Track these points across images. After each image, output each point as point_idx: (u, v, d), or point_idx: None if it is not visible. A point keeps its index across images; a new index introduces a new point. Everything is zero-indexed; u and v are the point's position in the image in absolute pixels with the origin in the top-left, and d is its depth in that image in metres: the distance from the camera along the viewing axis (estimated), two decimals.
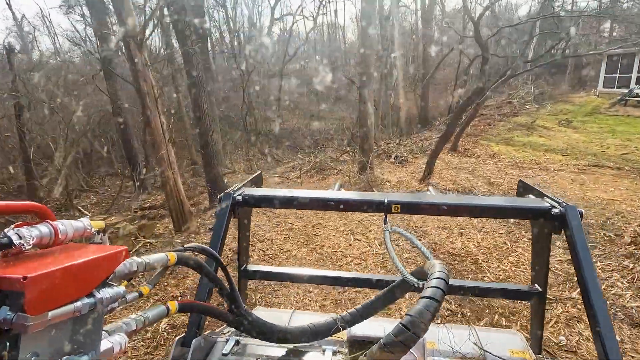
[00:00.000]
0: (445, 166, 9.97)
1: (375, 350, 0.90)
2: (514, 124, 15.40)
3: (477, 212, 2.13)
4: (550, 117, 15.53)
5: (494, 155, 10.78)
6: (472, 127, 16.79)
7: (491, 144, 12.58)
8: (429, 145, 14.40)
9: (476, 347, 1.43)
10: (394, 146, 14.14)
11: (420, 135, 17.82)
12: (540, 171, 8.80)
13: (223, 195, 1.68)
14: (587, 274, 1.29)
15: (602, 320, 1.20)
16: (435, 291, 0.94)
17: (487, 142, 12.82)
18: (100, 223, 0.87)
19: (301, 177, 11.18)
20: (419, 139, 16.89)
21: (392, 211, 1.56)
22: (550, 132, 13.26)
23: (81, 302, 0.66)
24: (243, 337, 1.39)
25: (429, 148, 14.02)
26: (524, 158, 10.04)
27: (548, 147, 11.05)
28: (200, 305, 1.13)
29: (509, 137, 13.16)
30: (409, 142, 15.70)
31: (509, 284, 3.16)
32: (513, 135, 13.38)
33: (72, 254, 0.71)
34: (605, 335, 1.17)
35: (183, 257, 0.94)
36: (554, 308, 3.73)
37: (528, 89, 20.03)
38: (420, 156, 12.96)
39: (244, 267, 2.01)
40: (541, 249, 1.68)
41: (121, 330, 0.81)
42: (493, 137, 13.52)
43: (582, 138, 11.96)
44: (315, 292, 4.18)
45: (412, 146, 14.29)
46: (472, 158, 10.84)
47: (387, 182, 8.71)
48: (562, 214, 1.42)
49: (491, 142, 12.91)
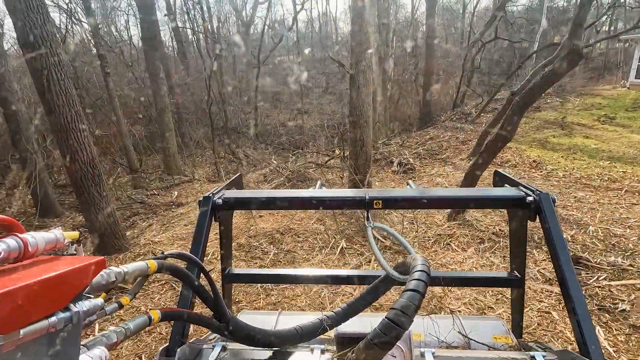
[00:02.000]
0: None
1: (363, 346, 0.91)
2: (541, 121, 12.44)
3: (457, 204, 1.95)
4: (583, 113, 12.61)
5: (536, 165, 7.75)
6: (486, 124, 13.84)
7: (522, 146, 9.58)
8: (438, 148, 11.37)
9: (461, 335, 1.48)
10: (395, 148, 11.06)
11: (423, 133, 14.76)
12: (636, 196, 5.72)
13: (202, 199, 1.57)
14: (562, 259, 1.28)
15: (578, 305, 1.19)
16: (417, 284, 0.94)
17: (516, 145, 9.81)
18: (74, 234, 0.84)
19: None
20: (423, 138, 13.84)
21: (373, 207, 1.53)
22: (594, 132, 10.32)
23: (56, 317, 0.63)
24: (230, 343, 1.30)
25: (440, 152, 10.98)
26: (586, 170, 7.02)
27: (609, 154, 8.07)
28: (183, 312, 1.06)
29: (542, 138, 10.17)
30: (413, 143, 12.66)
31: (489, 272, 3.22)
32: (546, 136, 10.41)
33: (44, 268, 0.66)
34: (581, 318, 1.16)
35: (163, 264, 0.91)
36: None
37: None
38: (430, 162, 9.91)
39: (227, 271, 1.90)
40: (518, 236, 1.69)
41: (101, 344, 0.77)
42: (521, 138, 10.52)
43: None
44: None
45: (418, 148, 11.23)
46: (507, 168, 7.79)
47: (395, 215, 5.59)
48: (536, 201, 1.41)
49: (521, 144, 9.91)
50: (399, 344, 1.08)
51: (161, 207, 8.79)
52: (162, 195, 9.69)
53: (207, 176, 12.41)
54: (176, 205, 8.70)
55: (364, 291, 1.43)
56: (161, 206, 8.83)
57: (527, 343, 1.43)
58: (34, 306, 0.59)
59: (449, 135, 13.39)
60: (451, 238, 4.75)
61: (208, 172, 12.77)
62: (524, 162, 8.09)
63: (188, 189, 10.23)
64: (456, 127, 14.41)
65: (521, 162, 8.12)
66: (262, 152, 15.18)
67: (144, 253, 5.48)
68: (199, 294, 1.05)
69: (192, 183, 10.72)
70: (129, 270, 0.80)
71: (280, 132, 17.55)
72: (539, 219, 1.42)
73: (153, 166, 11.82)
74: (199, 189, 10.19)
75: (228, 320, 1.10)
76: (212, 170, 12.80)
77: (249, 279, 2.09)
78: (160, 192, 9.83)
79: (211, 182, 11.74)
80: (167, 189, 10.19)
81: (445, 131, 14.18)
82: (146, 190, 9.91)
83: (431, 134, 14.23)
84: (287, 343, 1.23)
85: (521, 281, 1.68)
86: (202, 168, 13.22)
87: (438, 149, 11.03)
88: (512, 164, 8.02)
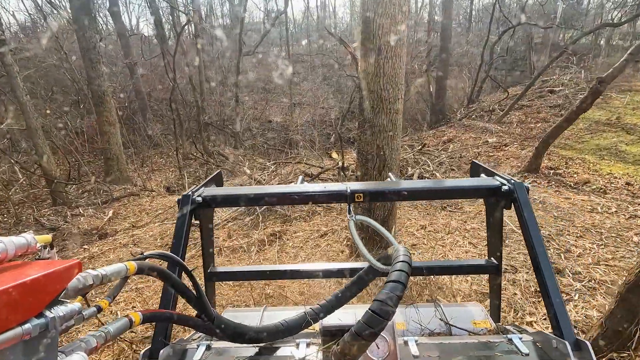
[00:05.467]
0: (558, 220, 4.25)
1: (348, 338, 0.90)
2: (589, 122, 9.69)
3: (436, 194, 1.92)
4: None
5: (632, 189, 5.02)
6: (522, 124, 11.06)
7: (587, 157, 6.86)
8: (464, 153, 8.59)
9: (442, 322, 1.50)
10: (412, 155, 8.23)
11: (438, 134, 11.98)
12: None
13: (182, 197, 1.50)
14: (537, 245, 1.29)
15: (552, 288, 1.20)
16: (400, 274, 0.94)
17: (578, 155, 7.08)
18: (46, 237, 0.81)
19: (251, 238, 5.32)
20: (439, 139, 11.06)
21: (355, 200, 1.51)
22: None
23: (30, 324, 0.60)
24: (214, 341, 1.27)
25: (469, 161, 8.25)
26: None
27: None
28: (165, 313, 1.02)
29: (609, 146, 7.44)
30: (430, 146, 9.86)
31: (467, 260, 3.06)
32: (612, 142, 7.68)
33: (15, 273, 0.64)
34: (554, 301, 1.17)
35: (144, 265, 0.87)
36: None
37: (573, 74, 14.40)
38: (461, 177, 7.16)
39: (210, 269, 1.83)
40: (495, 224, 1.68)
41: (80, 349, 0.73)
42: (578, 145, 7.79)
43: None
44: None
45: (440, 155, 8.42)
46: (592, 196, 5.06)
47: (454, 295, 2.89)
48: (511, 190, 1.42)
49: (583, 153, 7.18)
50: (383, 333, 1.05)
51: (79, 236, 5.97)
52: (91, 216, 6.85)
53: (169, 184, 9.55)
54: (99, 237, 5.86)
55: (349, 283, 1.39)
56: (80, 235, 6.01)
57: (505, 327, 1.45)
58: (6, 313, 0.56)
59: (472, 137, 10.62)
60: None
61: (170, 178, 9.90)
62: (611, 184, 5.35)
63: (132, 206, 7.37)
64: (478, 127, 11.65)
65: (608, 183, 5.37)
66: (243, 152, 12.32)
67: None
68: (182, 294, 1.00)
69: (141, 196, 7.85)
70: (107, 272, 0.76)
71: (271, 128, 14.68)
72: (514, 207, 1.41)
73: (94, 172, 8.89)
74: (147, 205, 7.34)
75: (213, 318, 1.06)
76: (176, 177, 9.94)
77: (232, 276, 2.00)
78: (90, 211, 6.98)
79: (171, 193, 8.89)
80: (103, 205, 7.34)
81: (466, 131, 11.41)
82: (70, 208, 7.04)
83: (448, 135, 11.45)
84: (273, 338, 1.19)
85: (498, 268, 1.68)
86: (164, 173, 10.34)
87: (467, 157, 8.25)
88: (597, 188, 5.27)
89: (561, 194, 5.12)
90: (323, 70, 20.68)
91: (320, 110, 15.20)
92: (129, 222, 6.60)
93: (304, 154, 10.52)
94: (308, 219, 5.47)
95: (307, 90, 17.60)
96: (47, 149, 6.76)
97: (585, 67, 15.42)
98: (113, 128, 8.04)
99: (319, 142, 12.16)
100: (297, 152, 11.40)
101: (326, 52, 19.53)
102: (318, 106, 15.45)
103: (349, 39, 17.21)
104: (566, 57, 14.53)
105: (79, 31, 7.37)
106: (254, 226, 5.25)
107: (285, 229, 5.01)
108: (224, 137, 13.63)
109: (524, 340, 1.18)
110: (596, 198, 4.89)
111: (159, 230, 5.64)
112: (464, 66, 18.05)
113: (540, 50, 19.74)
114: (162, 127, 11.71)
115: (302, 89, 18.01)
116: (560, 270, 3.24)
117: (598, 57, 18.90)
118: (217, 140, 13.32)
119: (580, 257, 3.45)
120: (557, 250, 3.60)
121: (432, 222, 4.62)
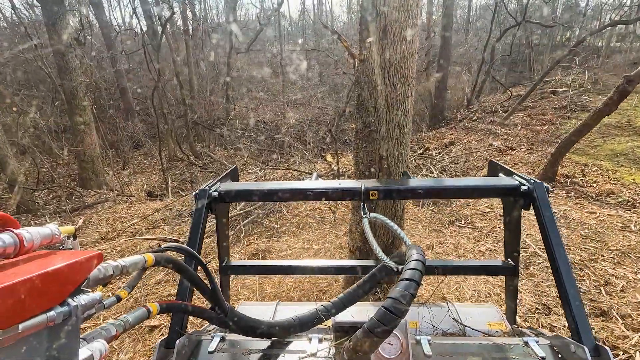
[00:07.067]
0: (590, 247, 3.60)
1: (360, 334, 0.89)
2: (598, 125, 9.04)
3: (453, 193, 1.79)
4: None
5: None
6: (527, 126, 10.44)
7: (604, 163, 6.26)
8: (467, 157, 7.95)
9: (456, 322, 1.45)
10: (412, 158, 7.57)
11: (438, 135, 11.35)
12: None
13: (199, 191, 1.51)
14: (556, 247, 1.23)
15: (571, 291, 1.15)
16: (413, 273, 0.93)
17: (592, 161, 6.48)
18: (69, 228, 0.81)
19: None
20: (440, 142, 10.42)
21: (369, 198, 1.48)
22: None
23: (54, 312, 0.61)
24: (228, 333, 1.27)
25: (474, 166, 7.56)
26: None
27: None
28: (181, 305, 1.02)
29: (625, 151, 6.84)
30: (432, 149, 9.20)
31: (483, 261, 3.01)
32: (628, 146, 7.09)
33: (40, 262, 0.64)
34: (574, 304, 1.12)
35: (161, 257, 0.89)
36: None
37: (576, 74, 13.83)
38: None
39: (225, 263, 1.82)
40: (513, 225, 1.63)
41: (100, 337, 0.75)
42: (591, 150, 7.18)
43: None
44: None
45: (443, 159, 7.77)
46: (619, 210, 4.44)
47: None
48: (530, 190, 1.37)
49: (599, 159, 6.58)
50: (396, 331, 1.04)
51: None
52: (59, 225, 6.11)
53: (151, 188, 8.80)
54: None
55: (361, 281, 1.36)
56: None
57: (521, 329, 1.39)
58: (32, 301, 0.57)
59: (475, 139, 10.01)
60: None
61: (153, 182, 9.15)
62: (639, 195, 4.73)
63: (106, 213, 6.62)
64: (480, 129, 11.04)
65: (635, 195, 4.75)
66: (234, 153, 11.60)
67: None
68: (197, 287, 1.02)
69: (117, 202, 7.10)
70: (126, 263, 0.78)
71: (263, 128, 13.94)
72: (532, 208, 1.36)
73: (66, 176, 8.10)
74: (123, 212, 6.59)
75: (227, 311, 1.08)
76: (160, 180, 9.19)
77: (246, 270, 2.04)
78: (57, 220, 6.23)
79: (152, 198, 8.15)
80: (73, 213, 6.59)
81: (468, 133, 10.79)
82: (35, 217, 6.29)
83: (449, 137, 10.82)
84: (285, 333, 1.20)
85: (515, 269, 1.63)
86: (148, 176, 9.58)
87: (471, 161, 7.61)
88: (623, 200, 4.64)
89: (584, 207, 4.48)
90: (320, 68, 19.97)
91: (315, 110, 14.50)
92: (100, 232, 5.88)
93: (297, 157, 9.82)
94: (298, 233, 4.78)
95: (301, 88, 16.88)
96: (8, 150, 6.00)
97: (589, 67, 14.84)
98: (87, 127, 7.29)
99: (313, 144, 11.48)
100: (289, 154, 10.70)
101: (322, 49, 18.82)
102: (312, 106, 14.74)
103: (346, 36, 16.52)
104: (569, 57, 13.98)
105: (45, 15, 6.62)
106: (235, 242, 4.55)
107: (270, 247, 4.32)
108: (214, 138, 12.89)
109: (540, 343, 1.14)
110: (625, 213, 4.26)
111: (127, 246, 4.92)
112: (464, 66, 17.45)
113: (541, 50, 19.22)
114: (146, 126, 10.94)
115: (296, 88, 17.29)
116: (605, 312, 2.59)
117: (598, 58, 18.38)
118: (206, 141, 12.59)
119: (625, 292, 2.81)
120: (594, 283, 2.95)
121: (441, 242, 3.96)
